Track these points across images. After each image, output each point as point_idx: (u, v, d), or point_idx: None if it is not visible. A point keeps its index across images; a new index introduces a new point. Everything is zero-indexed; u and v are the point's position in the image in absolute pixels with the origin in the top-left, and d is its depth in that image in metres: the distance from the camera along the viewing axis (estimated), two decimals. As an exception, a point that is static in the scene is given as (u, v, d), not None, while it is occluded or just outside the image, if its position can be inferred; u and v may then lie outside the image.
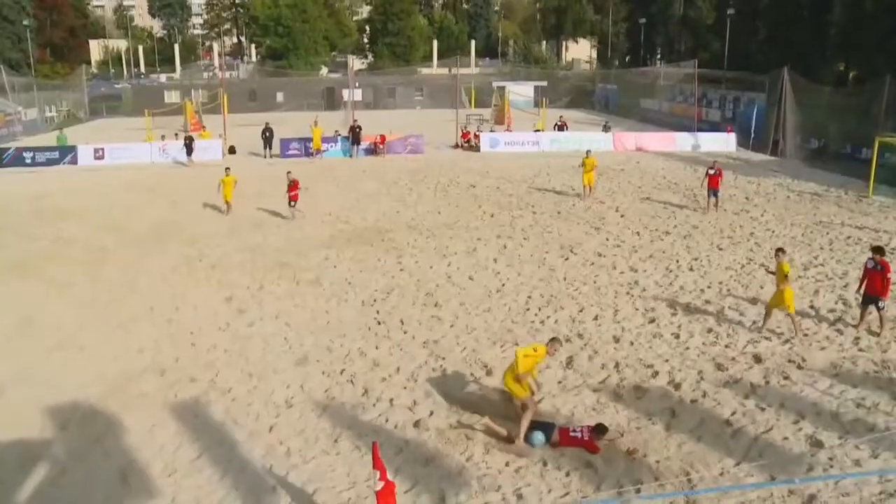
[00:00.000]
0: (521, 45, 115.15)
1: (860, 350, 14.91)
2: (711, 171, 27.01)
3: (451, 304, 17.50)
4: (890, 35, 49.78)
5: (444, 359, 14.48)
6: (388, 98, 73.42)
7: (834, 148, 42.71)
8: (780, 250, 16.08)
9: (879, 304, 15.61)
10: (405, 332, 15.87)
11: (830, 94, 49.17)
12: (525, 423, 11.28)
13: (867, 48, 56.37)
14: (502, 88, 61.66)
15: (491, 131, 46.33)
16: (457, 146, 44.09)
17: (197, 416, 12.39)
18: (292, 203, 25.84)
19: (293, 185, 25.73)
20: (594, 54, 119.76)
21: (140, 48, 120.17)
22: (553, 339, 12.12)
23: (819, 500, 9.99)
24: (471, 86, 69.04)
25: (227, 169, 27.29)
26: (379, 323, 16.43)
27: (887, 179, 31.50)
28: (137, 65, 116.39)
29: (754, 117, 46.83)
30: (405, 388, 13.32)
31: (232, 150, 41.21)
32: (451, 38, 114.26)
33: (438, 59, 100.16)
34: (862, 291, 15.87)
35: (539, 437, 11.31)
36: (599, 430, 11.30)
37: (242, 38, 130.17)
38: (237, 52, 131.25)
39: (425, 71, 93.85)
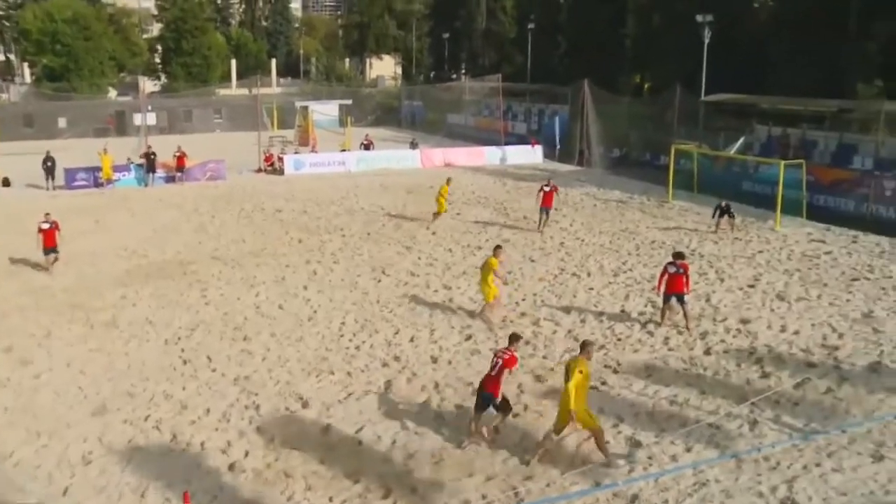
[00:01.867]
0: (324, 63, 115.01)
1: (670, 350, 16.04)
2: (546, 188, 27.17)
3: (261, 336, 17.16)
4: (677, 47, 54.00)
5: (256, 394, 14.16)
6: (185, 122, 70.97)
7: (635, 156, 45.73)
8: (498, 247, 18.55)
9: (684, 300, 16.93)
10: (214, 370, 15.38)
11: (629, 105, 52.72)
12: (603, 445, 11.55)
13: (658, 59, 60.96)
14: (305, 108, 61.26)
15: (295, 153, 45.91)
16: (260, 170, 43.32)
17: (-25, 486, 11.39)
18: (49, 251, 22.74)
19: (51, 229, 22.75)
20: (399, 70, 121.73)
21: None
22: (585, 343, 12.10)
23: (641, 498, 10.61)
24: (272, 106, 68.14)
25: None
26: (185, 362, 15.82)
27: (684, 184, 34.05)
28: None
29: (557, 128, 49.28)
30: (217, 429, 12.89)
31: (6, 183, 38.38)
32: (249, 56, 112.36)
33: (238, 79, 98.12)
34: (663, 291, 17.15)
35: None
36: (513, 338, 12.63)
37: (12, 56, 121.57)
38: (6, 72, 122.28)
39: (224, 92, 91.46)
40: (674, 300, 17.18)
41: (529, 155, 46.59)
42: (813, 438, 12.14)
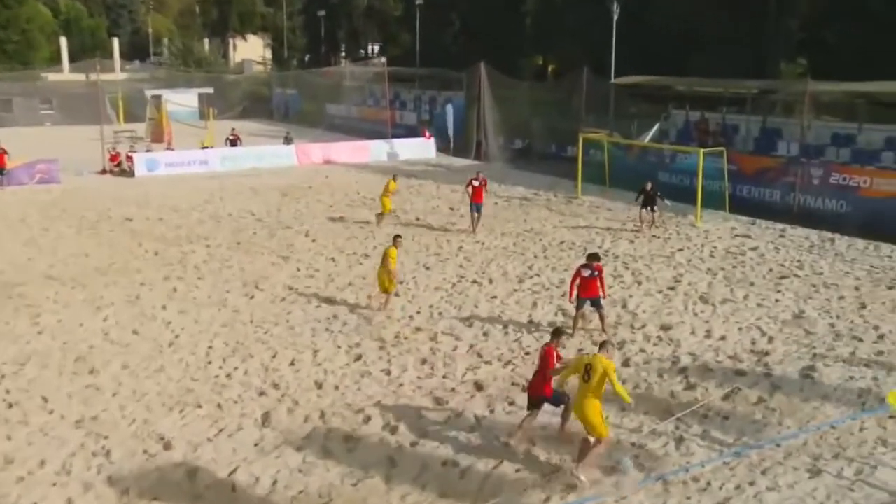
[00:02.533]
0: (178, 45, 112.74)
1: (583, 363, 16.28)
2: (476, 183, 27.44)
3: (111, 368, 16.62)
4: (583, 25, 55.24)
5: (106, 438, 13.66)
6: (3, 112, 68.66)
7: (539, 147, 46.61)
8: (397, 236, 20.45)
9: (600, 305, 17.35)
10: (50, 412, 14.74)
11: (531, 90, 53.58)
12: (594, 459, 11.99)
13: (562, 39, 62.20)
14: (158, 98, 60.13)
15: (147, 151, 45.01)
16: (105, 171, 42.27)
17: None
18: None
19: None
20: (268, 54, 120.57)
21: None
22: (605, 342, 12.89)
23: (558, 532, 10.74)
24: (118, 95, 66.57)
25: None
26: (10, 405, 15.05)
27: (593, 177, 34.84)
28: None
29: (450, 118, 49.65)
30: (55, 484, 12.32)
31: None
32: (84, 34, 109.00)
33: (71, 61, 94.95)
34: (576, 297, 17.48)
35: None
36: (556, 333, 13.55)
37: None
38: None
39: (54, 77, 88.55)
40: (588, 306, 17.54)
41: (421, 149, 46.99)
42: (745, 454, 12.54)
